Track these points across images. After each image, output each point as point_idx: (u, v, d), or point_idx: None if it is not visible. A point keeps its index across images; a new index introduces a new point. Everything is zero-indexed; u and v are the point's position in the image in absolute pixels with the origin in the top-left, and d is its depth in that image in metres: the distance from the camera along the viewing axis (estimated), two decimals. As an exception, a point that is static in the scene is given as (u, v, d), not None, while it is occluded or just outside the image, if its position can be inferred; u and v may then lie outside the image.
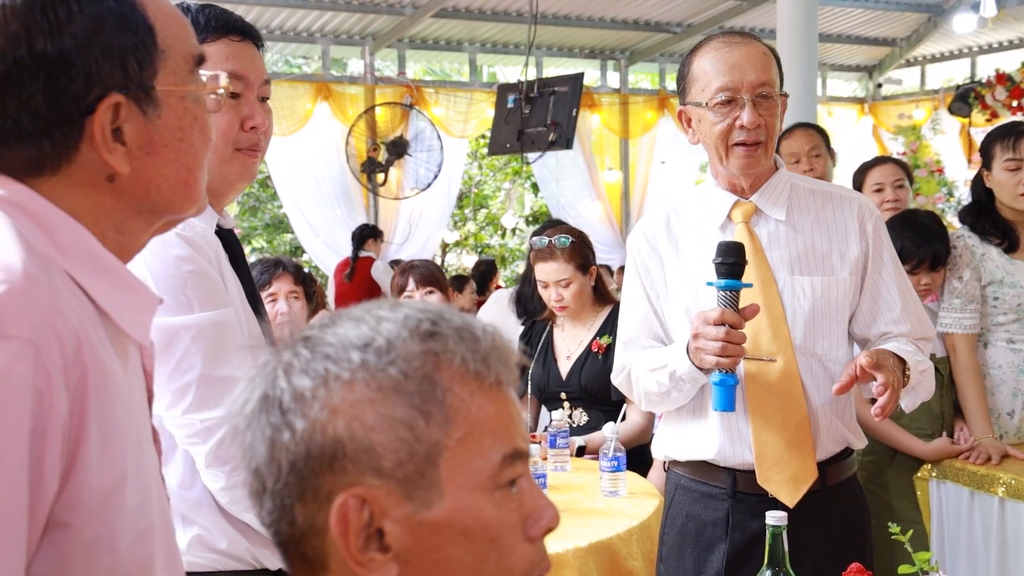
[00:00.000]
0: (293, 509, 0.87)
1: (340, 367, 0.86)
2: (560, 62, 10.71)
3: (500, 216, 14.19)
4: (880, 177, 3.70)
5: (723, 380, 2.01)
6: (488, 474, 0.89)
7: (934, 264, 3.16)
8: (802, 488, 2.10)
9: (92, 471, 0.95)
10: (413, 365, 0.87)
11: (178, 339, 1.60)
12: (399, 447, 0.85)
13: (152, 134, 1.03)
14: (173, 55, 1.05)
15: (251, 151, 1.76)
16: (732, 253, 1.99)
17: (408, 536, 0.86)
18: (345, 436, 0.85)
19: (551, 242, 3.50)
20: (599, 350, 3.50)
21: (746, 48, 2.10)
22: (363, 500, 0.85)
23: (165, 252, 1.60)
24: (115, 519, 0.98)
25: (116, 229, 1.05)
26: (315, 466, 0.85)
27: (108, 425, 0.97)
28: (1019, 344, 3.20)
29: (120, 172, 1.02)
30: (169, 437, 1.65)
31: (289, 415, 0.86)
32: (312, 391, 0.86)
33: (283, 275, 3.44)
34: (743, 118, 2.07)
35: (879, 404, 1.99)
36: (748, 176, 2.16)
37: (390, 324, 0.88)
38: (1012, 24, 9.79)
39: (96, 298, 1.00)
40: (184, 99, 1.06)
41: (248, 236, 13.92)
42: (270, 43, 9.46)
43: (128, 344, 1.06)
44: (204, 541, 1.67)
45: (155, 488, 1.08)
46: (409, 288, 3.82)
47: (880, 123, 11.71)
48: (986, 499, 3.00)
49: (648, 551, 2.62)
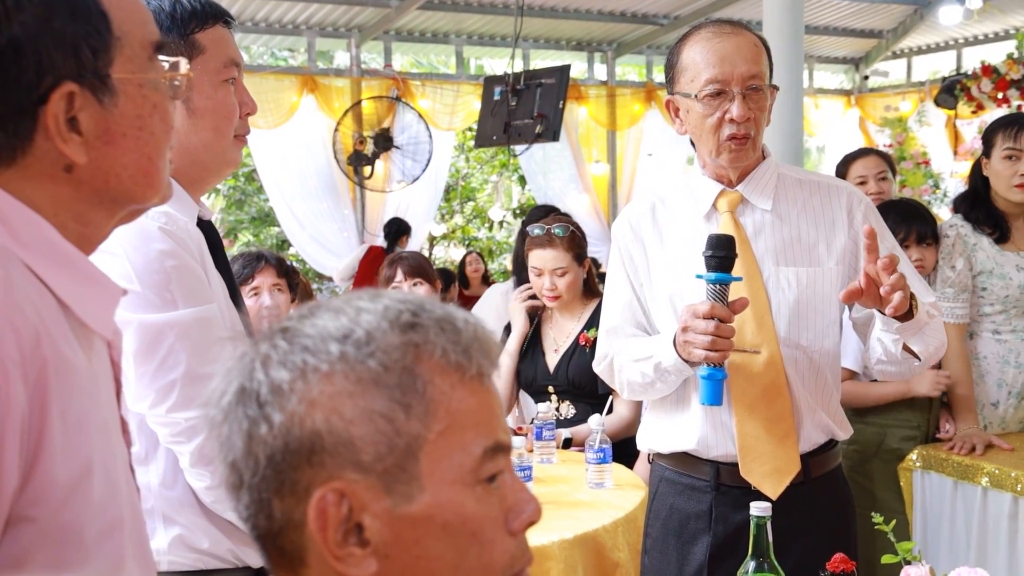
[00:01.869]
0: (271, 503, 0.86)
1: (319, 359, 0.85)
2: (547, 54, 10.69)
3: (487, 209, 14.17)
4: (863, 169, 3.71)
5: (711, 374, 2.00)
6: (469, 468, 0.87)
7: (920, 239, 3.17)
8: (785, 480, 2.10)
9: (56, 464, 0.94)
10: (393, 357, 0.85)
11: (163, 336, 1.58)
12: (378, 440, 0.84)
13: (109, 123, 1.01)
14: (130, 42, 1.03)
15: (243, 137, 1.76)
16: (723, 246, 1.97)
17: (388, 531, 0.85)
18: (323, 429, 0.84)
19: (549, 230, 3.49)
20: (587, 343, 3.50)
21: (737, 39, 2.07)
22: (342, 494, 0.84)
23: (147, 247, 1.58)
24: (81, 512, 0.97)
25: (76, 220, 1.03)
26: (293, 460, 0.84)
27: (71, 418, 0.96)
28: (1005, 335, 3.22)
29: (77, 162, 1.00)
30: (151, 436, 1.63)
31: (266, 408, 0.85)
32: (290, 383, 0.85)
33: (266, 268, 3.43)
34: (732, 111, 2.05)
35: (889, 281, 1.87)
36: (736, 168, 2.16)
37: (370, 315, 0.87)
38: (997, 16, 9.82)
39: (56, 291, 0.99)
40: (143, 87, 1.04)
41: (234, 230, 13.85)
42: (255, 35, 9.41)
43: (92, 336, 1.04)
44: (186, 541, 1.65)
45: (124, 481, 1.07)
46: (397, 279, 3.80)
47: (867, 115, 11.73)
48: (969, 489, 3.02)
49: (634, 543, 2.62)
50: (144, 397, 1.59)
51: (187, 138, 1.68)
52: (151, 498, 1.64)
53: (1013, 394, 3.23)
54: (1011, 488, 2.88)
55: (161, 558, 1.63)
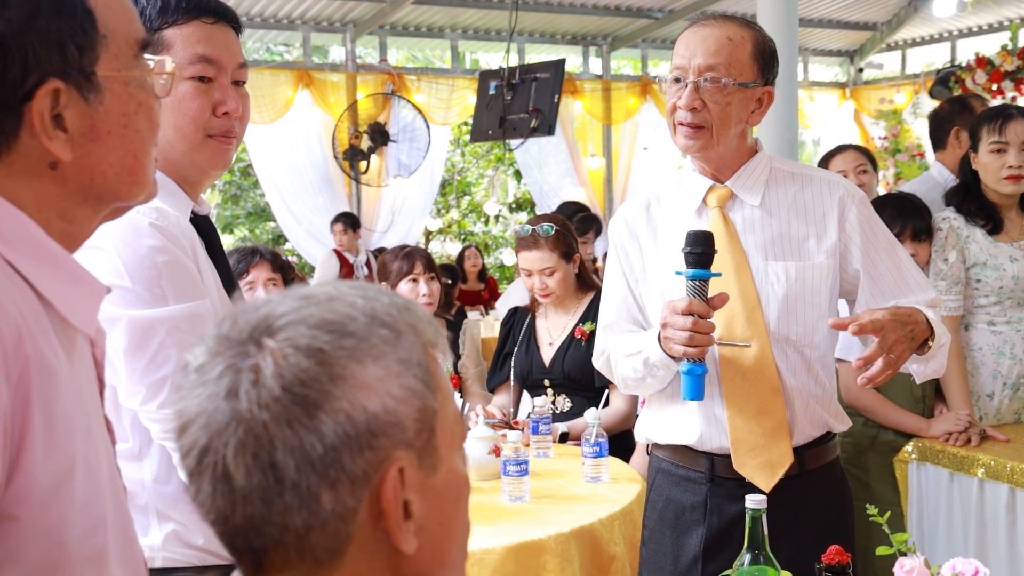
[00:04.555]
0: (319, 496, 0.84)
1: (368, 343, 0.87)
2: (542, 48, 10.68)
3: (483, 203, 14.17)
4: (842, 164, 3.74)
5: (691, 369, 2.01)
6: (459, 435, 0.94)
7: (915, 235, 3.18)
8: (778, 473, 2.11)
9: (38, 463, 0.94)
10: (410, 339, 0.89)
11: (153, 332, 1.57)
12: (417, 417, 0.87)
13: (95, 120, 1.01)
14: (115, 39, 1.03)
15: (224, 137, 1.71)
16: (700, 242, 1.98)
17: (423, 503, 0.88)
18: (379, 411, 0.85)
19: (535, 230, 3.50)
20: (582, 336, 3.51)
21: (708, 31, 2.09)
22: (402, 472, 0.86)
23: (138, 243, 1.57)
24: (64, 510, 0.97)
25: (61, 217, 1.03)
26: (353, 445, 0.84)
27: (54, 416, 0.96)
28: (1000, 326, 3.23)
29: (62, 159, 1.00)
30: (144, 432, 1.63)
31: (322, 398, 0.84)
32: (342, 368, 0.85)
33: (260, 263, 3.43)
34: (680, 99, 2.08)
35: (866, 375, 1.99)
36: (698, 159, 2.17)
37: (380, 300, 0.90)
38: (991, 8, 9.82)
39: (39, 288, 0.99)
40: (128, 84, 1.04)
41: (230, 225, 13.85)
42: (250, 30, 9.39)
43: (75, 334, 1.04)
44: (180, 537, 1.64)
45: (108, 478, 1.06)
46: (416, 271, 3.78)
47: (861, 107, 11.75)
48: (966, 480, 3.02)
49: (630, 536, 2.62)
50: (135, 393, 1.59)
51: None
52: (145, 494, 1.64)
53: (1008, 385, 3.23)
54: (1007, 479, 2.89)
55: (155, 554, 1.63)
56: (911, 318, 2.02)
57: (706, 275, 1.98)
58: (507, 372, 3.71)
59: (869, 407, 3.18)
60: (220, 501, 0.86)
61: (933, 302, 2.17)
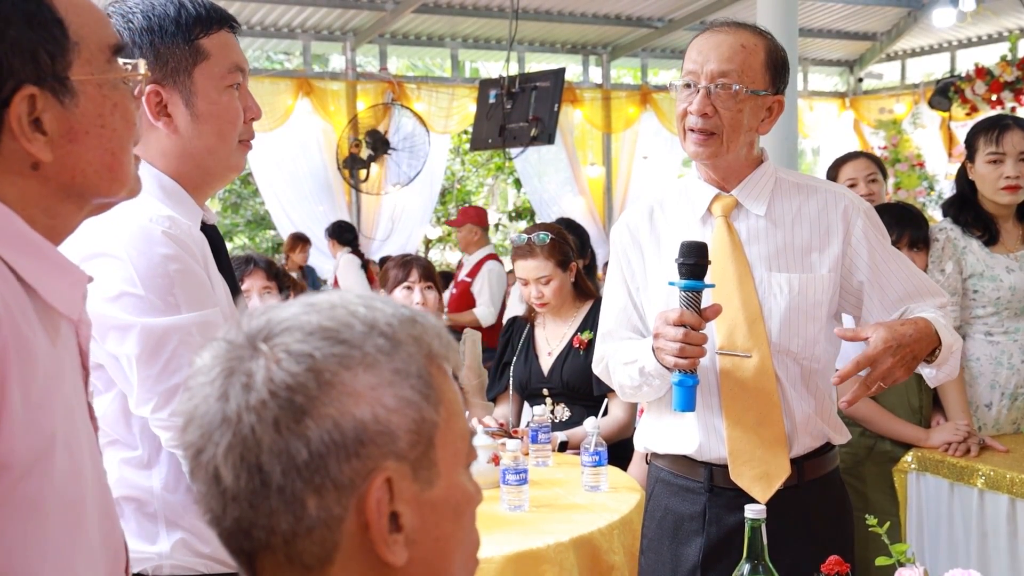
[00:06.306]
0: (304, 501, 0.84)
1: (360, 351, 0.87)
2: (542, 57, 10.71)
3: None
4: (853, 172, 3.72)
5: (682, 380, 2.01)
6: (464, 452, 0.94)
7: (912, 244, 3.18)
8: (775, 484, 2.10)
9: (16, 439, 0.98)
10: (411, 349, 0.89)
11: (166, 340, 1.57)
12: (411, 429, 0.87)
13: (72, 122, 1.07)
14: (87, 46, 1.09)
15: (248, 141, 1.77)
16: (693, 253, 1.97)
17: (416, 516, 0.88)
18: (369, 420, 0.85)
19: (530, 239, 3.50)
20: (580, 345, 3.50)
21: (722, 37, 2.08)
22: (390, 482, 0.86)
23: (151, 251, 1.57)
24: (41, 486, 1.01)
25: (45, 213, 1.09)
26: (339, 453, 0.84)
27: (32, 395, 1.00)
28: (997, 337, 3.23)
29: (43, 160, 1.06)
30: (154, 440, 1.63)
31: (310, 402, 0.84)
32: (332, 376, 0.85)
33: (255, 271, 3.43)
34: (691, 104, 2.07)
35: (844, 399, 2.03)
36: (706, 166, 2.16)
37: (381, 310, 0.90)
38: (991, 18, 9.85)
39: (22, 274, 1.03)
40: (102, 87, 1.10)
41: (230, 233, 13.86)
42: (251, 39, 9.41)
43: (59, 320, 1.09)
44: (188, 544, 1.64)
45: (90, 462, 1.11)
46: (411, 279, 3.78)
47: (861, 117, 11.76)
48: (965, 491, 3.02)
49: (629, 545, 2.62)
50: (147, 401, 1.59)
51: (191, 143, 1.68)
52: (154, 502, 1.64)
53: (1006, 395, 3.23)
54: (1007, 490, 2.88)
55: (164, 562, 1.64)
56: (910, 338, 1.99)
57: (698, 286, 1.98)
58: (506, 382, 3.71)
59: (867, 417, 3.18)
60: (212, 501, 0.88)
61: (944, 305, 2.17)
